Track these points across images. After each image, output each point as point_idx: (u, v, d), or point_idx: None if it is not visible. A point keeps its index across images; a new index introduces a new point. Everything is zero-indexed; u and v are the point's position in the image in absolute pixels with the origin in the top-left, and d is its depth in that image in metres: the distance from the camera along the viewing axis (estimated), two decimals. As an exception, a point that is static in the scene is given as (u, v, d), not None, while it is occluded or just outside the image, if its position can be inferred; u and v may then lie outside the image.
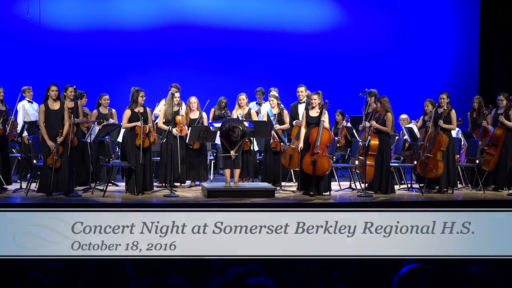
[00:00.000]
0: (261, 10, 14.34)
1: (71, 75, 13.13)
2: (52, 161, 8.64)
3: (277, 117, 10.11)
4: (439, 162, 9.42)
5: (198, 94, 10.87)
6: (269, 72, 14.14)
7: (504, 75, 14.46)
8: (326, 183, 9.22)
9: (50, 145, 8.65)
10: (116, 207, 8.30)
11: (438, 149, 9.46)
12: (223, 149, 9.23)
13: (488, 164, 9.86)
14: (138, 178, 9.04)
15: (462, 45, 14.85)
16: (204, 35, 14.06)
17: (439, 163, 9.42)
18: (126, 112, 9.23)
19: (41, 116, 8.84)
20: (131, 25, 13.92)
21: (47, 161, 8.67)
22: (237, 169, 9.19)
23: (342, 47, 14.49)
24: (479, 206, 8.77)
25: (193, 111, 10.26)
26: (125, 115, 9.23)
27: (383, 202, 8.79)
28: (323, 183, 9.15)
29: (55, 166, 8.65)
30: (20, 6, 13.48)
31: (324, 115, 9.16)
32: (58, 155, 8.66)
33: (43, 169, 8.79)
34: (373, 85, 11.43)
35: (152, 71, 13.75)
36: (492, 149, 9.85)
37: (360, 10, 14.48)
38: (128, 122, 9.18)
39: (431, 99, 10.53)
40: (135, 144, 9.07)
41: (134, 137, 9.10)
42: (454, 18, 14.92)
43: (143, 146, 9.05)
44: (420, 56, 14.68)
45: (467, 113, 10.91)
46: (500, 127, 9.84)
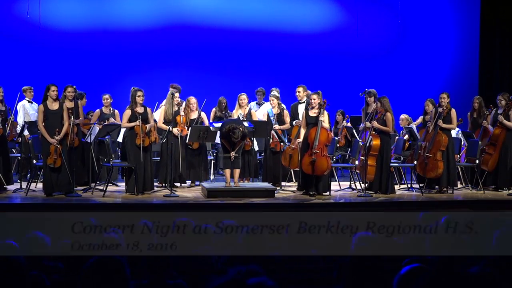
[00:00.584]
0: (261, 10, 14.34)
1: (71, 75, 13.12)
2: (52, 161, 8.64)
3: (277, 117, 10.11)
4: (439, 162, 9.42)
5: (198, 94, 10.87)
6: (269, 72, 14.13)
7: (504, 75, 14.45)
8: (325, 183, 9.22)
9: (52, 142, 8.65)
10: (116, 207, 8.30)
11: (438, 149, 9.46)
12: (223, 150, 9.23)
13: (487, 164, 9.85)
14: (138, 178, 9.03)
15: (462, 45, 14.85)
16: (204, 35, 14.05)
17: (439, 163, 9.41)
18: (126, 112, 9.24)
19: (40, 116, 8.84)
20: (131, 25, 13.91)
21: (47, 161, 8.68)
22: (237, 169, 9.19)
23: (342, 47, 14.49)
24: (479, 206, 8.78)
25: (193, 111, 10.26)
26: (125, 115, 9.24)
27: (383, 202, 8.79)
28: (322, 184, 9.15)
29: (55, 165, 8.65)
30: (20, 6, 13.47)
31: (323, 115, 9.16)
32: (58, 154, 8.66)
33: (45, 169, 8.80)
34: (373, 85, 11.43)
35: (152, 71, 13.75)
36: (491, 149, 9.85)
37: (360, 10, 14.48)
38: (128, 122, 9.18)
39: (431, 99, 10.53)
40: (135, 144, 9.08)
41: (134, 137, 9.10)
42: (454, 18, 14.92)
43: (143, 145, 9.05)
44: (420, 56, 14.68)
45: (467, 113, 10.90)
46: (499, 126, 9.84)
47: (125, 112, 9.26)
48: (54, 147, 8.69)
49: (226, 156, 9.12)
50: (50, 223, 7.57)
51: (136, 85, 9.79)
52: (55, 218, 7.80)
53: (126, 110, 9.27)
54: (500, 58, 14.57)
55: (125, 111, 9.27)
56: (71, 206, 8.18)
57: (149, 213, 8.05)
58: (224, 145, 9.14)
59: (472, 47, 14.69)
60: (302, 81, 11.10)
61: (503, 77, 14.46)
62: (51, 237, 4.59)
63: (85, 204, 8.35)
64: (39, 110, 8.91)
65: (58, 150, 8.67)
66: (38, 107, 9.29)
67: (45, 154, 8.79)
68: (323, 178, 9.17)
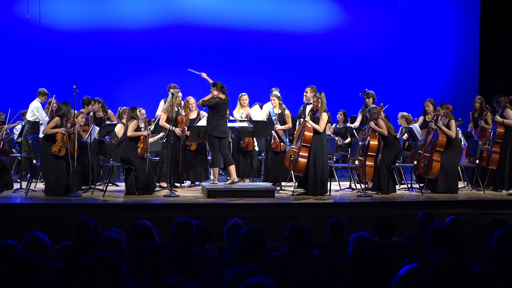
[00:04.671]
0: (261, 10, 14.34)
1: (71, 75, 13.14)
2: (57, 149, 8.62)
3: (278, 117, 10.07)
4: (435, 162, 9.41)
5: (198, 94, 10.85)
6: (269, 72, 14.14)
7: (504, 75, 14.45)
8: (321, 185, 9.08)
9: (61, 130, 8.64)
10: (116, 207, 8.30)
11: (435, 150, 9.44)
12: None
13: (495, 162, 9.84)
14: (138, 178, 9.02)
15: (462, 45, 14.85)
16: (204, 35, 14.06)
17: (435, 163, 9.41)
18: (134, 123, 9.05)
19: (52, 125, 8.74)
20: (131, 25, 13.92)
21: (52, 149, 8.63)
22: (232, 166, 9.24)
23: (342, 47, 14.49)
24: (479, 206, 8.78)
25: (192, 111, 10.25)
26: (132, 126, 9.05)
27: (383, 202, 8.79)
28: (319, 186, 9.06)
29: (59, 153, 8.62)
30: (20, 6, 13.48)
31: (318, 115, 9.07)
32: (64, 142, 8.65)
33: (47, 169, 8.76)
34: (373, 85, 11.43)
35: (152, 71, 13.75)
36: (497, 146, 9.86)
37: (360, 10, 14.48)
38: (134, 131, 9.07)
39: (431, 99, 10.52)
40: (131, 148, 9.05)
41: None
42: (454, 18, 14.92)
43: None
44: (420, 56, 14.68)
45: (469, 113, 10.88)
46: (500, 125, 9.86)
47: (133, 123, 9.06)
48: (61, 135, 8.67)
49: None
50: (50, 223, 7.60)
51: (136, 85, 9.77)
52: (55, 218, 7.83)
53: (133, 121, 9.09)
54: (500, 57, 14.57)
55: (133, 122, 9.08)
56: (71, 206, 8.18)
57: (149, 213, 8.06)
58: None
59: (472, 47, 14.69)
60: (301, 81, 11.11)
61: (503, 77, 14.45)
62: (51, 237, 4.59)
63: (85, 204, 8.34)
64: (54, 120, 8.80)
65: (65, 139, 8.66)
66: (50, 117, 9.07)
67: (49, 145, 8.68)
68: (321, 180, 9.09)
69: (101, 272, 2.64)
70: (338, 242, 5.59)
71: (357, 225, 6.77)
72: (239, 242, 4.26)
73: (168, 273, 3.74)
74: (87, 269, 2.65)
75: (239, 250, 4.26)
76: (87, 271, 2.65)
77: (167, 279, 3.66)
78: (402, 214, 8.11)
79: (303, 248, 5.02)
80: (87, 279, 2.63)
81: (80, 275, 2.66)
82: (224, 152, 9.22)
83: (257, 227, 4.39)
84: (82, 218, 5.37)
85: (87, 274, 2.64)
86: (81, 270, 2.67)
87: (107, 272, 2.65)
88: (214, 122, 9.12)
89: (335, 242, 5.63)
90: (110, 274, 2.65)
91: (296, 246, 4.98)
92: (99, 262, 2.67)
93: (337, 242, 5.62)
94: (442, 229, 4.35)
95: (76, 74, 13.22)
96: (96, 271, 2.65)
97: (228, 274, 2.72)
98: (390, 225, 5.71)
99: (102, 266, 2.66)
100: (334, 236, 5.66)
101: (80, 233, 5.06)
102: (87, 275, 2.64)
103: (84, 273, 2.65)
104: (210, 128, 9.11)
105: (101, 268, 2.65)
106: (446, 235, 4.29)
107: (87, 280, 2.63)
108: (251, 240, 4.22)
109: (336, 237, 5.66)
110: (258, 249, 4.21)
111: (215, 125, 9.09)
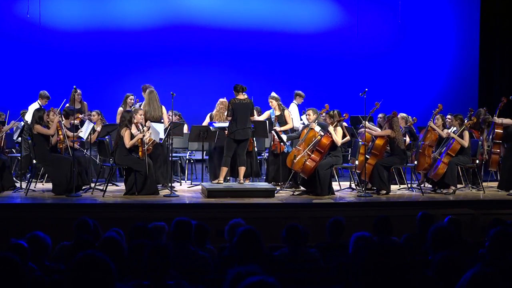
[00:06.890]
0: (261, 10, 14.35)
1: (71, 75, 13.14)
2: (56, 140, 8.70)
3: (278, 118, 10.05)
4: (443, 164, 9.42)
5: (198, 94, 10.87)
6: (269, 72, 14.14)
7: (504, 75, 14.46)
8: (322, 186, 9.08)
9: (140, 135, 8.78)
10: (116, 207, 8.30)
11: (447, 153, 9.48)
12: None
13: (495, 163, 9.87)
14: (138, 178, 9.00)
15: (462, 45, 14.86)
16: (204, 35, 14.06)
17: (443, 165, 9.42)
18: (127, 133, 8.95)
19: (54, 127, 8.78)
20: (131, 25, 13.92)
21: (52, 141, 8.68)
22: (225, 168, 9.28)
23: (342, 47, 14.50)
24: (479, 206, 8.78)
25: None
26: (127, 136, 8.95)
27: (383, 202, 8.79)
28: (320, 187, 9.05)
29: (59, 145, 8.66)
30: (20, 6, 13.48)
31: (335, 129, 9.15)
32: (63, 135, 8.70)
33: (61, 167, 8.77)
34: (373, 85, 11.44)
35: (152, 71, 13.74)
36: (496, 147, 9.89)
37: (360, 10, 14.49)
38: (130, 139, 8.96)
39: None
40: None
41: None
42: (454, 18, 14.92)
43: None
44: (420, 56, 14.69)
45: (468, 113, 10.88)
46: (499, 126, 9.89)
47: (126, 133, 8.93)
48: (59, 125, 8.75)
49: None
50: (50, 223, 7.59)
51: (136, 85, 9.75)
52: (55, 218, 7.83)
53: (126, 131, 8.95)
54: (500, 57, 14.58)
55: (126, 132, 8.94)
56: (71, 206, 8.17)
57: (149, 213, 8.07)
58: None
59: (472, 47, 14.70)
60: (302, 81, 11.12)
61: (503, 77, 14.46)
62: (51, 237, 4.59)
63: (85, 204, 8.34)
64: (56, 120, 8.83)
65: (64, 131, 8.76)
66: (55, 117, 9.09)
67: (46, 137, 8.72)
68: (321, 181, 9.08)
69: (88, 271, 2.63)
70: (338, 242, 5.58)
71: (357, 225, 6.77)
72: (236, 242, 4.27)
73: (170, 274, 3.73)
74: (75, 268, 2.65)
75: (235, 250, 4.26)
76: (75, 270, 2.64)
77: (169, 281, 3.64)
78: (402, 214, 8.10)
79: (301, 248, 5.01)
80: (75, 277, 2.63)
81: (68, 274, 2.66)
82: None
83: (254, 228, 4.38)
84: (81, 218, 5.36)
85: (75, 272, 2.63)
86: (70, 269, 2.67)
87: (95, 271, 2.64)
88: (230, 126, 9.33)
89: (334, 242, 5.63)
90: (97, 274, 2.64)
91: (295, 246, 4.98)
92: (87, 261, 2.66)
93: (336, 242, 5.61)
94: (443, 229, 4.35)
95: (76, 74, 13.22)
96: (83, 270, 2.63)
97: (229, 274, 2.71)
98: (388, 225, 5.69)
99: (90, 265, 2.65)
100: (333, 236, 5.66)
101: (79, 233, 5.06)
102: (75, 274, 2.63)
103: (72, 272, 2.64)
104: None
105: (89, 267, 2.64)
106: (446, 235, 4.29)
107: (74, 278, 2.63)
108: (247, 241, 4.22)
109: (335, 237, 5.66)
110: (254, 250, 4.20)
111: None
